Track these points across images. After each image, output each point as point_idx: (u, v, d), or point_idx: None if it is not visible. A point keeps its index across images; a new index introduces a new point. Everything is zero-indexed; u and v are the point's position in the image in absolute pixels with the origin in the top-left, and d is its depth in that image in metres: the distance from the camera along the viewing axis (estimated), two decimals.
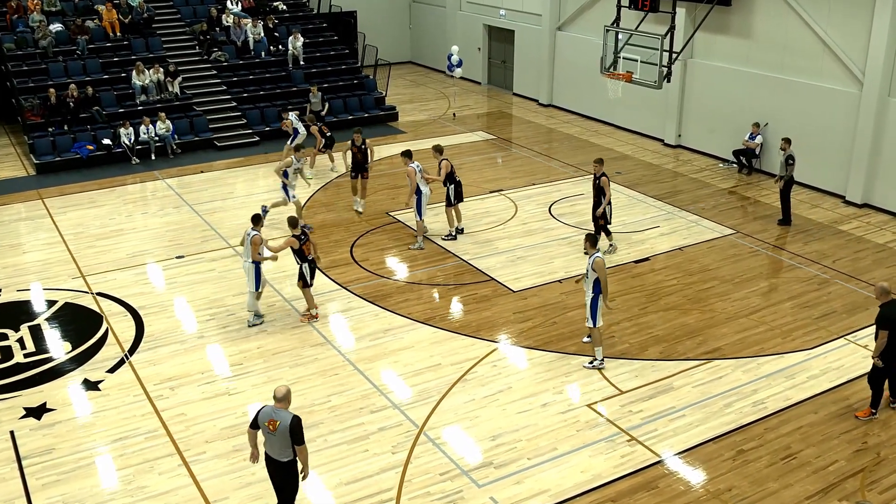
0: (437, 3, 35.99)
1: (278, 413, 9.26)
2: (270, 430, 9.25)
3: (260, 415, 9.34)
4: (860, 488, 10.74)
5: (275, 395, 9.35)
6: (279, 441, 9.29)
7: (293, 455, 9.43)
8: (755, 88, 22.71)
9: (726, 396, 12.69)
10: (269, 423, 9.25)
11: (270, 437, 9.33)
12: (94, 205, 20.66)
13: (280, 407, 9.31)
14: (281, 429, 9.19)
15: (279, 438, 9.26)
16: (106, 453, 11.38)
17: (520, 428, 11.92)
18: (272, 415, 9.26)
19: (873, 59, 19.61)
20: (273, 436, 9.28)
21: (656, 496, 10.61)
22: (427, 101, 31.56)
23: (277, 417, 9.22)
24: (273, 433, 9.26)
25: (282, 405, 9.32)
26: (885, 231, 19.08)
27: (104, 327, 14.70)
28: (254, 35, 28.59)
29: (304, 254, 14.52)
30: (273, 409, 9.31)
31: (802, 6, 21.15)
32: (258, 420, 9.34)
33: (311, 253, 14.70)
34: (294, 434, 9.22)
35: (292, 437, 9.23)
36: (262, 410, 9.37)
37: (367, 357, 13.75)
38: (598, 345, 13.42)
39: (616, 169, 22.95)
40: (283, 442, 9.28)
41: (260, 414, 9.35)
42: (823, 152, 21.14)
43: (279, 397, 9.32)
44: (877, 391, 12.20)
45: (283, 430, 9.19)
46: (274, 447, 9.39)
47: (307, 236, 14.72)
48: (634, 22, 21.78)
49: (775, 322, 14.94)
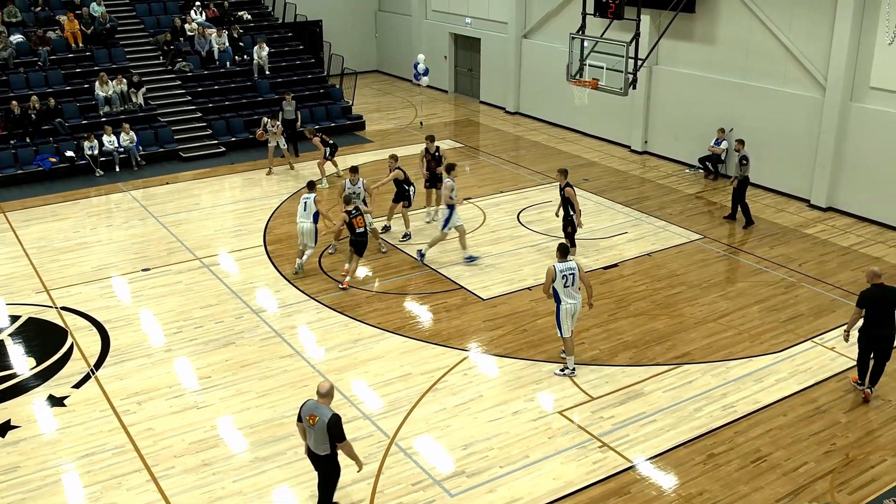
0: (402, 12, 36.03)
1: (319, 409, 9.51)
2: (310, 423, 9.52)
3: (303, 408, 9.64)
4: (830, 490, 10.83)
5: (318, 391, 9.60)
6: (318, 435, 9.54)
7: (331, 450, 9.63)
8: (719, 94, 22.94)
9: (696, 401, 12.76)
10: (309, 417, 9.52)
11: (310, 431, 9.59)
12: (58, 218, 20.42)
13: (322, 403, 9.55)
14: (319, 424, 9.44)
15: (318, 433, 9.51)
16: (72, 470, 11.21)
17: (491, 436, 11.91)
18: (314, 409, 9.53)
19: (835, 64, 19.87)
20: (312, 429, 9.55)
21: (628, 502, 10.63)
22: (394, 109, 31.55)
23: (318, 413, 9.48)
24: (313, 427, 9.52)
25: (324, 401, 9.56)
26: (849, 234, 19.32)
27: (69, 342, 14.51)
28: (218, 45, 28.45)
29: (353, 227, 16.24)
30: (316, 404, 9.57)
31: (765, 12, 21.41)
32: (301, 414, 9.63)
33: (361, 226, 16.29)
34: (331, 431, 9.43)
35: (329, 434, 9.45)
36: (306, 404, 9.64)
37: (337, 368, 13.68)
38: (570, 354, 13.43)
39: (583, 176, 23.07)
40: (322, 436, 9.51)
41: (303, 408, 9.64)
42: (788, 157, 21.39)
43: (322, 393, 9.55)
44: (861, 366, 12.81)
45: (321, 426, 9.43)
46: (313, 440, 9.65)
47: (358, 211, 16.33)
48: (600, 29, 21.91)
49: (743, 326, 15.07)
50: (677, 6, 22.18)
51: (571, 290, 12.94)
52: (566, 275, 12.85)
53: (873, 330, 12.35)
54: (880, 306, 12.25)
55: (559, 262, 12.92)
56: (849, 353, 14.00)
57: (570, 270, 12.88)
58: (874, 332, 12.35)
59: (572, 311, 13.08)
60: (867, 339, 12.48)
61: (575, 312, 13.15)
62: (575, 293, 13.01)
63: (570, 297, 12.98)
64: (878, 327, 12.31)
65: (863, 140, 19.81)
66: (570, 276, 12.87)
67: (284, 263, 17.55)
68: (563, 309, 13.00)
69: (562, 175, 17.23)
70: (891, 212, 19.54)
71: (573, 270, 12.91)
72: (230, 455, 11.50)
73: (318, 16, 35.32)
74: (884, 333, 12.34)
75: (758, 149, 21.56)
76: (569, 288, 12.92)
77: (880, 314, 12.26)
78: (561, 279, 12.82)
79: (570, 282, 12.90)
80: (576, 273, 12.92)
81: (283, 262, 17.65)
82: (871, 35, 19.20)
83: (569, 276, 12.87)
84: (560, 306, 13.01)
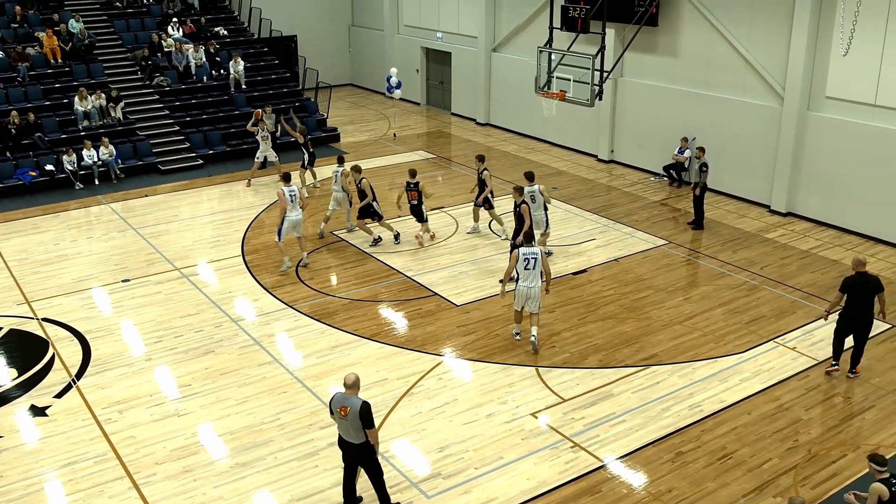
0: (375, 27, 36.03)
1: (348, 399, 9.63)
2: (342, 415, 9.63)
3: (332, 402, 9.77)
4: (793, 485, 10.92)
5: (345, 383, 9.70)
6: (351, 425, 9.66)
7: (365, 437, 9.74)
8: (683, 104, 23.12)
9: (664, 401, 12.82)
10: (340, 409, 9.64)
11: (343, 422, 9.70)
12: (38, 230, 20.20)
13: (350, 394, 9.68)
14: (352, 414, 9.56)
15: (351, 422, 9.63)
16: (55, 479, 11.07)
17: (466, 438, 11.90)
18: (343, 401, 9.64)
19: (792, 75, 20.10)
20: (345, 420, 9.65)
21: (600, 500, 10.66)
22: (368, 122, 31.53)
23: (348, 403, 9.60)
24: (345, 418, 9.63)
25: (351, 391, 9.68)
26: (808, 238, 19.52)
27: (50, 353, 14.35)
28: (195, 60, 28.29)
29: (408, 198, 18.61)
30: (343, 396, 9.69)
31: (725, 26, 21.62)
32: (331, 407, 9.77)
33: (415, 199, 18.46)
34: (364, 418, 9.57)
35: (362, 421, 9.57)
36: (334, 398, 9.76)
37: (315, 374, 13.62)
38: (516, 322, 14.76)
39: (552, 184, 23.15)
40: (355, 425, 9.64)
41: (332, 401, 9.77)
42: (748, 164, 21.59)
43: (349, 384, 9.67)
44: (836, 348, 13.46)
45: (353, 415, 9.56)
46: (347, 431, 9.78)
47: (414, 185, 18.41)
48: (566, 43, 22.03)
49: (708, 328, 15.17)
50: (641, 20, 22.38)
51: (530, 273, 13.92)
52: (528, 258, 13.89)
53: (854, 312, 13.02)
54: (862, 292, 12.91)
55: (523, 248, 14.09)
56: (810, 353, 14.17)
57: (532, 255, 13.92)
58: (854, 314, 13.02)
59: (526, 294, 14.04)
60: (847, 321, 13.13)
61: (531, 296, 14.03)
62: (533, 277, 13.95)
63: (527, 280, 13.97)
64: (857, 310, 13.00)
65: (820, 147, 20.04)
66: (532, 260, 13.88)
67: (262, 273, 17.46)
68: (518, 289, 14.05)
69: (479, 161, 19.34)
70: (847, 216, 19.78)
71: (535, 255, 13.92)
72: (211, 461, 11.41)
73: (293, 31, 35.25)
74: (864, 316, 13.02)
75: (719, 157, 21.75)
76: (528, 271, 13.91)
77: (861, 299, 12.93)
78: (523, 261, 13.88)
79: (532, 265, 13.88)
80: (538, 258, 13.91)
81: (260, 271, 17.56)
82: (827, 47, 19.44)
83: (531, 260, 13.88)
84: (518, 284, 14.03)
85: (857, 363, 13.42)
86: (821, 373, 13.58)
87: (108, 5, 30.21)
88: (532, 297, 14.04)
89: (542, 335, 14.73)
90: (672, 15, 22.93)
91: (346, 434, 9.81)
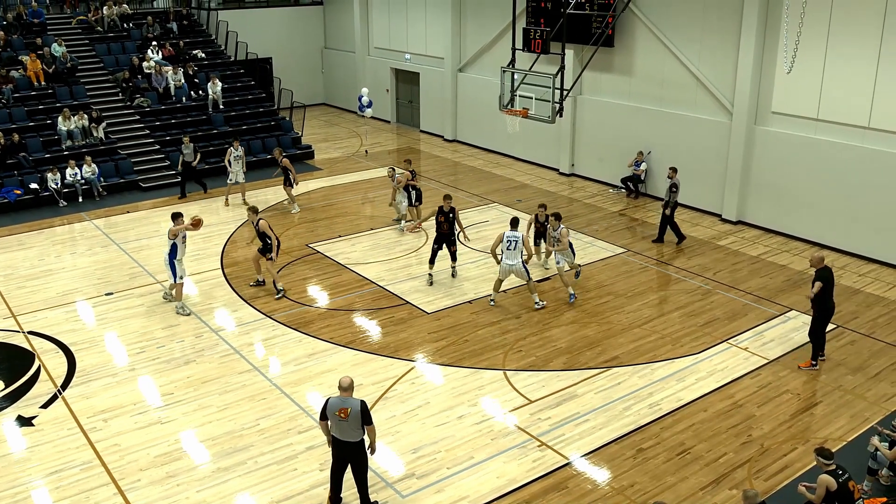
0: (347, 49, 35.99)
1: (347, 401, 9.67)
2: (342, 417, 9.64)
3: (329, 406, 9.73)
4: (748, 477, 11.00)
5: (341, 386, 9.75)
6: (351, 425, 9.71)
7: (363, 434, 9.87)
8: (638, 120, 23.31)
9: (625, 400, 12.87)
10: (339, 412, 9.65)
11: (342, 424, 9.70)
12: (23, 247, 19.91)
13: (346, 395, 9.71)
14: (353, 414, 9.63)
15: (351, 423, 9.69)
16: (42, 487, 10.89)
17: (438, 440, 11.87)
18: (342, 404, 9.66)
19: (740, 92, 20.33)
20: (345, 422, 9.68)
21: (566, 496, 10.67)
22: (340, 139, 31.45)
23: (347, 405, 9.65)
24: (345, 419, 9.65)
25: (347, 394, 9.72)
26: (757, 244, 19.72)
27: (36, 364, 14.13)
28: (174, 81, 28.08)
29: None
30: (341, 399, 9.70)
31: (677, 46, 21.85)
32: (327, 412, 9.73)
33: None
34: (365, 415, 9.70)
35: (363, 418, 9.70)
36: (330, 402, 9.74)
37: (293, 381, 13.53)
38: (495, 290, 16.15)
39: (517, 197, 23.21)
40: (355, 425, 9.73)
41: (328, 406, 9.73)
42: (700, 175, 21.78)
43: (345, 387, 9.72)
44: (816, 343, 13.81)
45: (354, 415, 9.64)
46: (345, 431, 9.78)
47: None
48: (528, 63, 22.12)
49: (665, 330, 15.26)
50: (598, 41, 22.56)
51: (511, 253, 15.62)
52: (511, 240, 15.57)
53: (832, 302, 13.59)
54: (832, 284, 13.47)
55: (508, 231, 15.68)
56: (761, 353, 14.30)
57: (514, 237, 15.59)
58: (831, 304, 13.58)
59: (508, 269, 15.74)
60: (829, 312, 13.60)
61: (513, 271, 15.71)
62: (513, 256, 15.61)
63: (509, 259, 15.68)
64: (832, 300, 13.58)
65: (767, 159, 20.27)
66: (513, 242, 15.57)
67: (241, 285, 17.33)
68: (501, 266, 15.81)
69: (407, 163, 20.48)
70: (794, 223, 20.01)
71: (517, 238, 15.60)
72: (193, 466, 11.28)
73: (269, 53, 35.13)
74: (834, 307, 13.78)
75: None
76: (509, 251, 15.63)
77: (831, 290, 13.48)
78: (506, 242, 15.59)
79: (513, 246, 15.59)
80: (519, 240, 15.59)
81: (239, 283, 17.43)
82: (772, 64, 19.71)
83: (512, 242, 15.57)
84: (502, 260, 15.74)
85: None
86: (772, 371, 13.71)
87: (89, 30, 29.95)
88: (516, 272, 15.70)
89: (511, 339, 14.77)
90: (627, 36, 23.13)
91: (343, 434, 9.79)
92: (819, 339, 13.84)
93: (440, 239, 17.24)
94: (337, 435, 9.85)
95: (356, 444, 9.90)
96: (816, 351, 13.89)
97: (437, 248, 17.30)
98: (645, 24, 22.57)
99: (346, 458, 10.03)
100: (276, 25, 35.90)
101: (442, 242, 17.25)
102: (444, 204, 17.10)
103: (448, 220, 17.07)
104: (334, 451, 10.06)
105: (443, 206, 17.09)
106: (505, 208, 22.43)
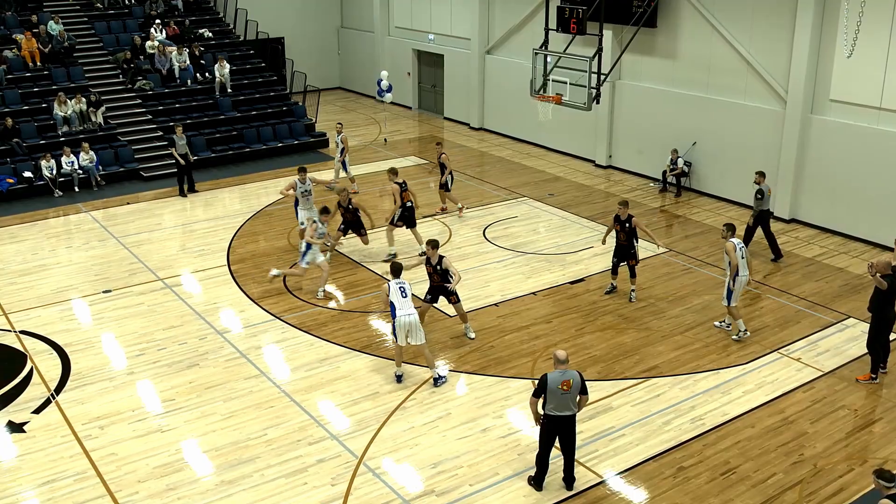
0: (365, 29, 36.09)
1: (567, 373, 10.45)
2: (565, 389, 10.38)
3: (550, 381, 10.39)
4: (799, 500, 10.92)
5: (558, 359, 10.48)
6: (572, 397, 10.51)
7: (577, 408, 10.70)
8: (682, 108, 23.19)
9: (665, 414, 12.82)
10: (562, 384, 10.36)
11: (563, 396, 10.44)
12: (15, 240, 20.13)
13: (564, 368, 10.46)
14: (575, 385, 10.44)
15: (573, 393, 10.49)
16: (33, 498, 11.00)
17: (460, 454, 11.88)
18: (563, 377, 10.39)
19: (795, 78, 20.18)
20: (567, 394, 10.42)
21: None
22: (358, 126, 31.54)
23: (569, 377, 10.42)
24: (568, 392, 10.40)
25: (565, 366, 10.48)
26: (812, 245, 19.57)
27: (29, 366, 14.28)
28: (179, 63, 28.29)
29: (403, 200, 18.35)
30: (563, 372, 10.42)
31: (726, 27, 21.71)
32: (548, 386, 10.39)
33: (409, 200, 18.51)
34: (583, 385, 10.56)
35: (583, 387, 10.55)
36: (550, 377, 10.41)
37: (304, 388, 13.59)
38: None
39: (548, 191, 23.18)
40: (574, 397, 10.53)
41: (549, 380, 10.39)
42: (750, 169, 21.51)
43: (563, 359, 10.48)
44: (876, 354, 13.72)
45: (576, 386, 10.46)
46: (564, 405, 10.52)
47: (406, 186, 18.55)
48: (562, 45, 22.09)
49: (710, 338, 15.18)
50: (639, 21, 22.45)
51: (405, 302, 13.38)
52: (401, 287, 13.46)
53: (890, 311, 13.46)
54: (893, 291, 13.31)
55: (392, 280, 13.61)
56: (815, 364, 14.19)
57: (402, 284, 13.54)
58: (891, 313, 13.47)
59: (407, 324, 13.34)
60: (889, 321, 13.53)
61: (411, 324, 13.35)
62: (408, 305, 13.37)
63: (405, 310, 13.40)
64: (892, 308, 13.46)
65: (823, 152, 20.11)
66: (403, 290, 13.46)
67: (249, 283, 17.43)
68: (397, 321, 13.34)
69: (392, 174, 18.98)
70: (852, 222, 19.84)
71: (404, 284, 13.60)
72: (195, 479, 11.36)
73: (280, 33, 35.29)
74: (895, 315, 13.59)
75: (720, 162, 21.82)
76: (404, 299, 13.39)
77: (892, 297, 13.36)
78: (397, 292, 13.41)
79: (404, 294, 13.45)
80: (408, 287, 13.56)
81: (247, 281, 17.53)
82: (831, 48, 19.53)
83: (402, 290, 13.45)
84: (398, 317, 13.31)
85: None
86: (827, 384, 13.60)
87: (88, 6, 30.26)
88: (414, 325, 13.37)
89: (540, 346, 14.74)
90: (671, 15, 23.01)
91: (562, 408, 10.51)
92: (880, 350, 13.71)
93: (434, 291, 15.12)
94: (553, 410, 10.51)
95: (572, 416, 10.64)
96: (876, 363, 13.75)
97: (431, 298, 15.16)
98: (691, 2, 22.43)
99: (561, 431, 10.69)
100: (288, 3, 36.05)
101: (437, 294, 15.15)
102: (431, 254, 14.85)
103: (437, 271, 14.90)
104: (548, 427, 10.71)
105: (430, 257, 14.89)
106: (536, 203, 22.40)
